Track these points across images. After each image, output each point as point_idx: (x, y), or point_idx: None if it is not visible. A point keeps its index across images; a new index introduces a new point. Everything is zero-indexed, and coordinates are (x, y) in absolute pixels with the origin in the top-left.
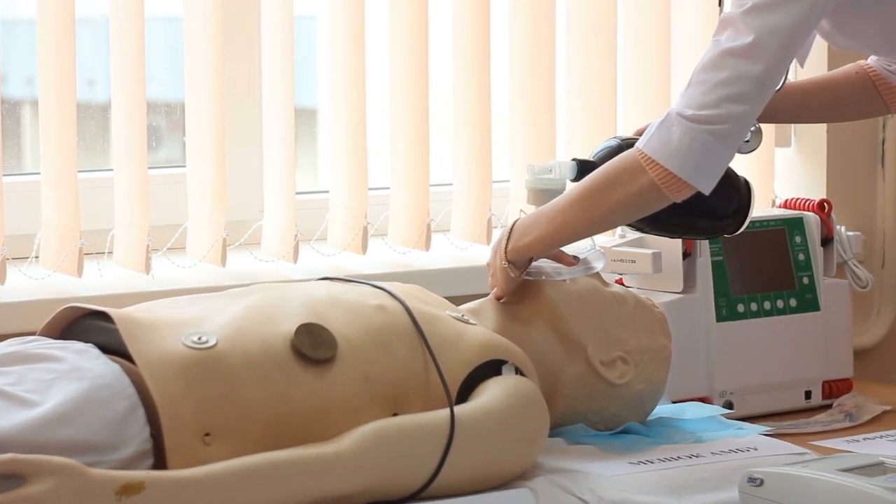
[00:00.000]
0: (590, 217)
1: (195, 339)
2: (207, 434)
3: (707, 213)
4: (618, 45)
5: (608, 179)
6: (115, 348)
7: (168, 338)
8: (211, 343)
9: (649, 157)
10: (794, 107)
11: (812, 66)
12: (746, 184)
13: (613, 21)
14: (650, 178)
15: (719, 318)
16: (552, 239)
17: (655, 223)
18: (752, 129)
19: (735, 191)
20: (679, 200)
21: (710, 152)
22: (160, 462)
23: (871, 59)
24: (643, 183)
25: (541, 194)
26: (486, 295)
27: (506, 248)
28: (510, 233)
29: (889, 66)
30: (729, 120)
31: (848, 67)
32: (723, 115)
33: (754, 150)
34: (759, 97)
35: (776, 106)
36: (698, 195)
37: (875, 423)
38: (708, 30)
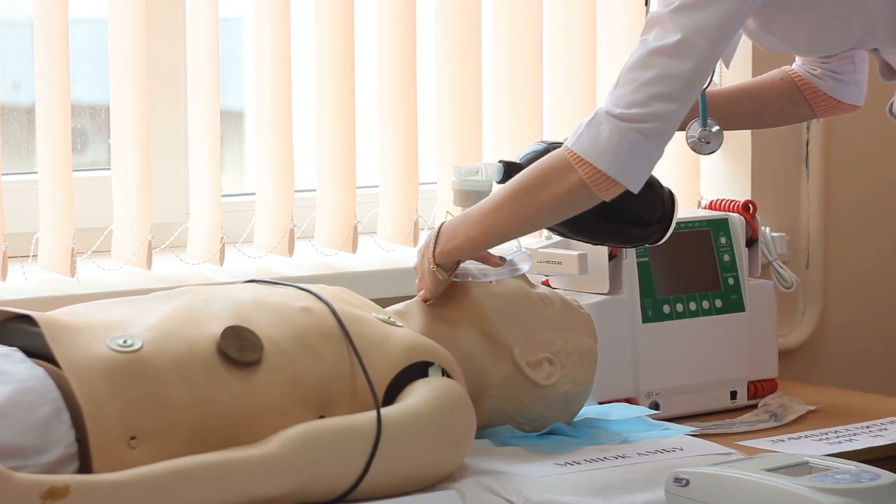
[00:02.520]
0: (518, 218)
1: (120, 342)
2: (133, 437)
3: (631, 220)
4: (543, 46)
5: (536, 179)
6: (39, 352)
7: (93, 341)
8: (136, 346)
9: (578, 156)
10: (720, 114)
11: (737, 68)
12: (670, 194)
13: (539, 22)
14: (579, 176)
15: (645, 319)
16: (480, 241)
17: (580, 229)
18: (713, 130)
19: (659, 200)
20: (608, 199)
21: (638, 150)
22: (85, 466)
23: (796, 65)
24: (572, 182)
25: (467, 196)
26: (412, 297)
27: (433, 250)
28: (437, 235)
29: (813, 70)
30: (657, 118)
31: (773, 73)
32: (651, 114)
33: (715, 151)
34: (687, 95)
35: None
36: (623, 203)
37: (800, 422)
38: (633, 29)
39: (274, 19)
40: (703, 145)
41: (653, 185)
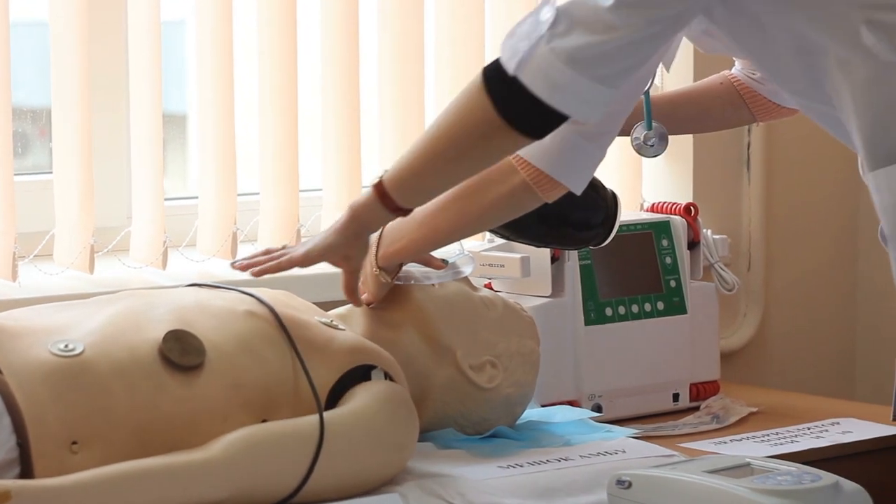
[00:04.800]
0: (461, 220)
1: (62, 346)
2: (75, 442)
3: (574, 222)
4: (486, 49)
5: (479, 181)
6: None
7: (34, 345)
8: (78, 350)
9: (520, 158)
10: (662, 119)
11: (678, 72)
12: (613, 195)
13: (482, 24)
14: (522, 178)
15: (587, 322)
16: (423, 243)
17: (523, 232)
18: (658, 132)
19: (603, 201)
20: (550, 200)
21: (579, 151)
22: (27, 471)
23: (736, 69)
24: (515, 183)
25: None
26: None
27: (376, 253)
28: (380, 238)
29: (752, 74)
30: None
31: (713, 78)
32: None
33: (660, 154)
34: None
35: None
36: (567, 205)
37: (742, 424)
38: None
39: (216, 23)
40: (648, 148)
41: (596, 187)
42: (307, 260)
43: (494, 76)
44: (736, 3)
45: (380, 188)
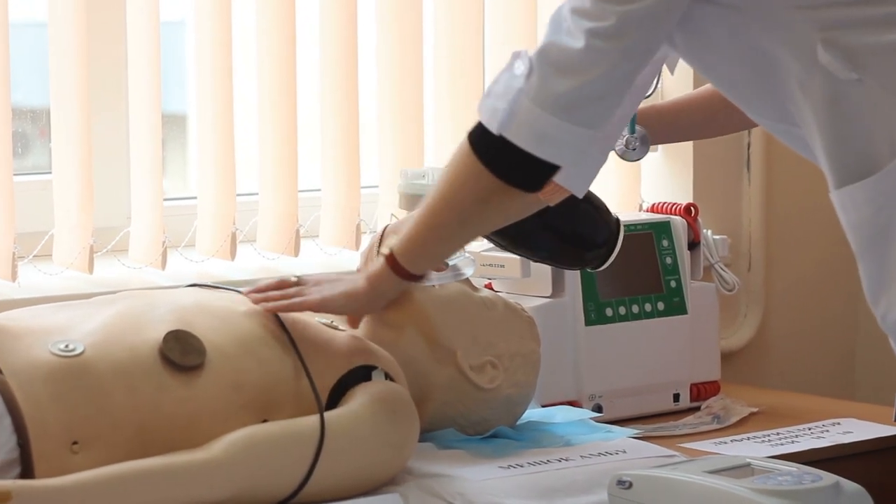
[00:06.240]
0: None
1: (62, 346)
2: (75, 442)
3: (574, 240)
4: (485, 49)
5: None
6: None
7: (34, 346)
8: (78, 351)
9: None
10: (666, 126)
11: (680, 79)
12: (617, 221)
13: (480, 24)
14: None
15: (588, 322)
16: None
17: (523, 243)
18: (640, 136)
19: (605, 224)
20: (552, 203)
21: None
22: (27, 471)
23: None
24: None
25: (413, 199)
26: None
27: (377, 254)
28: (381, 239)
29: None
30: None
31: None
32: None
33: (640, 158)
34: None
35: (649, 128)
36: (570, 220)
37: (742, 424)
38: None
39: (215, 23)
40: (630, 152)
41: (600, 209)
42: (322, 309)
43: (481, 139)
44: (696, 25)
45: (391, 259)
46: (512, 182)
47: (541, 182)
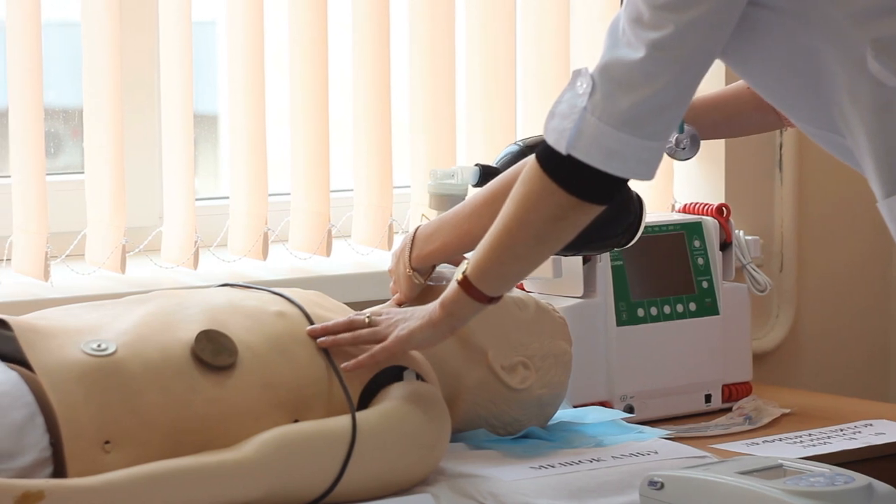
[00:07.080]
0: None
1: (94, 346)
2: (107, 442)
3: (599, 226)
4: (517, 49)
5: (513, 184)
6: (12, 356)
7: (67, 345)
8: (110, 350)
9: None
10: (688, 123)
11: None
12: (638, 198)
13: (512, 24)
14: None
15: (619, 323)
16: (456, 246)
17: None
18: (689, 135)
19: (628, 198)
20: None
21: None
22: (60, 470)
23: None
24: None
25: (443, 199)
26: (386, 301)
27: (409, 254)
28: (413, 239)
29: None
30: None
31: (740, 83)
32: None
33: (691, 157)
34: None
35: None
36: None
37: (774, 425)
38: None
39: (247, 23)
40: (680, 151)
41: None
42: (401, 351)
43: (550, 160)
44: (748, 30)
45: (465, 283)
46: (585, 198)
47: (613, 194)
